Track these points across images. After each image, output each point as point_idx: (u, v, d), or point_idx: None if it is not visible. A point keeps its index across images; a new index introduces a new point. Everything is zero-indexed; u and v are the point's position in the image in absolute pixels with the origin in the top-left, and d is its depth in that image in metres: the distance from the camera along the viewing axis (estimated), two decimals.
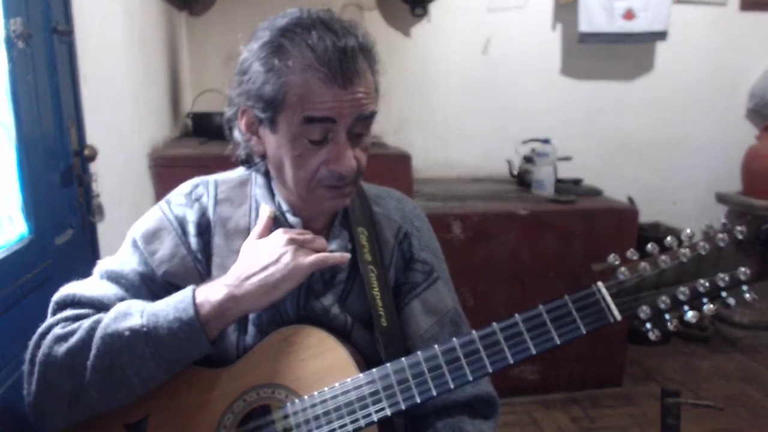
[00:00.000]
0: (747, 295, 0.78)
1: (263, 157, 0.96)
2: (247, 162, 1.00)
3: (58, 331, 0.87)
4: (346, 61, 0.84)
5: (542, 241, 2.58)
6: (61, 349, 0.85)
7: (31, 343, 0.88)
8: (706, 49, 3.50)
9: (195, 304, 0.86)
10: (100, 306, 0.91)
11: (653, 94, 3.50)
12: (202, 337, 0.85)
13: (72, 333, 0.86)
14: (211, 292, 0.87)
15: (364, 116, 0.88)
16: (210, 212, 0.98)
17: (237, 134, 0.97)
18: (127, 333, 0.84)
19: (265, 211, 0.95)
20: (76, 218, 1.44)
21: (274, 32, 0.87)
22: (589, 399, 2.66)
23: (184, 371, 0.88)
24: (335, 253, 0.92)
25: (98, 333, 0.85)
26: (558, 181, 2.90)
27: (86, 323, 0.87)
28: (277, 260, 0.88)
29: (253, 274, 0.88)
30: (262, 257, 0.89)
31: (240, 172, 1.04)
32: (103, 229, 1.57)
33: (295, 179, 0.91)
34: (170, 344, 0.84)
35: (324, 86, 0.84)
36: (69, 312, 0.91)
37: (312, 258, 0.89)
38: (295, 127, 0.86)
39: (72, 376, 0.84)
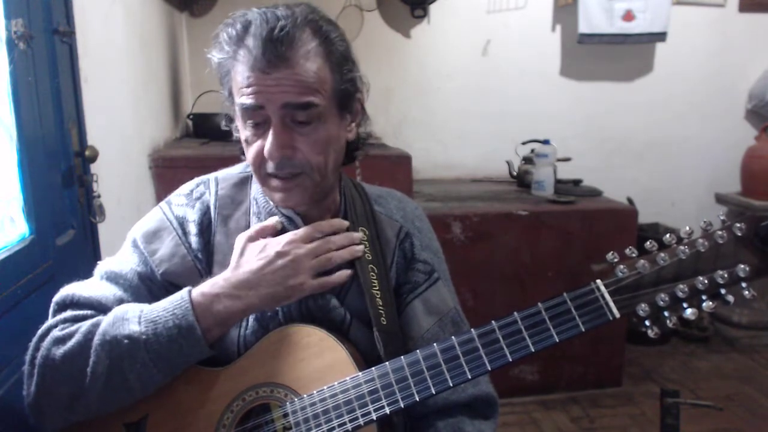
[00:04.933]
0: (746, 293, 0.78)
1: None
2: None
3: (56, 333, 0.88)
4: (270, 46, 0.83)
5: (542, 241, 2.58)
6: (59, 351, 0.85)
7: (31, 345, 0.88)
8: (705, 50, 3.51)
9: (194, 310, 0.86)
10: (99, 307, 0.92)
11: (652, 95, 3.51)
12: (202, 342, 0.85)
13: (70, 336, 0.86)
14: (211, 301, 0.87)
15: (292, 104, 0.85)
16: (212, 210, 0.99)
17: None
18: (125, 341, 0.84)
19: (272, 220, 0.95)
20: (77, 219, 1.44)
21: (221, 26, 0.90)
22: (589, 399, 2.66)
23: (183, 370, 0.89)
24: (339, 273, 0.93)
25: (96, 339, 0.85)
26: (557, 181, 2.90)
27: (84, 327, 0.87)
28: (281, 281, 0.89)
29: (257, 286, 0.88)
30: (267, 271, 0.89)
31: (240, 169, 1.05)
32: (103, 230, 1.58)
33: (249, 165, 0.93)
34: (170, 350, 0.84)
35: (247, 72, 0.85)
36: (68, 313, 0.91)
37: (315, 284, 0.91)
38: (238, 113, 0.90)
39: (70, 380, 0.85)
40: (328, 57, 0.87)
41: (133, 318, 0.86)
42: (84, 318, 0.90)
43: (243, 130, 0.91)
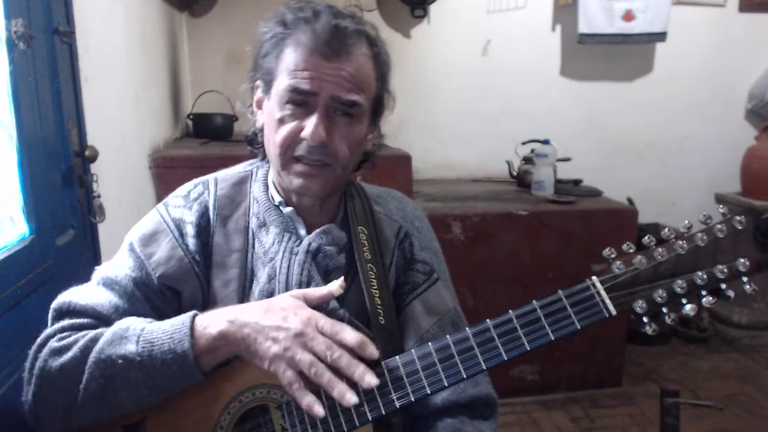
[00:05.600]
0: (747, 287, 0.77)
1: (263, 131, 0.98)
2: (252, 140, 1.02)
3: (54, 344, 0.87)
4: (336, 36, 0.88)
5: (542, 241, 2.58)
6: (56, 364, 0.85)
7: (31, 352, 0.88)
8: (705, 50, 3.50)
9: (192, 336, 0.83)
10: (95, 314, 0.91)
11: (652, 95, 3.51)
12: (196, 370, 0.83)
13: (67, 348, 0.86)
14: (210, 322, 0.84)
15: (340, 100, 0.89)
16: (210, 211, 0.99)
17: (249, 114, 1.01)
18: (120, 361, 0.83)
19: (336, 283, 0.88)
20: (77, 219, 1.44)
21: (281, 7, 0.93)
22: (589, 399, 2.66)
23: None
24: (309, 402, 0.79)
25: (92, 356, 0.84)
26: (557, 181, 2.90)
27: (81, 342, 0.86)
28: (266, 336, 0.81)
29: (248, 324, 0.83)
30: (267, 321, 0.82)
31: (239, 168, 1.05)
32: (104, 230, 1.58)
33: (274, 146, 0.93)
34: (164, 374, 0.83)
35: (308, 53, 0.88)
36: (66, 322, 0.91)
37: (286, 373, 0.80)
38: (282, 92, 0.90)
39: (65, 394, 0.84)
40: (377, 65, 0.94)
41: (132, 336, 0.85)
42: (81, 326, 0.90)
43: (277, 110, 0.91)
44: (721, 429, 2.41)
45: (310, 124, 0.89)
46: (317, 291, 0.88)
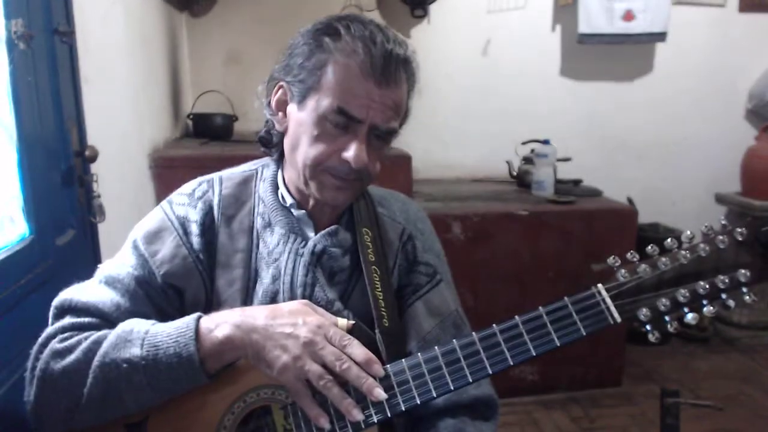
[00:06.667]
0: (747, 297, 0.79)
1: (283, 135, 0.97)
2: (266, 141, 1.02)
3: (56, 345, 0.87)
4: (389, 62, 0.88)
5: (542, 241, 2.58)
6: (58, 366, 0.85)
7: (33, 352, 0.88)
8: (705, 50, 3.50)
9: (197, 339, 0.83)
10: (97, 312, 0.91)
11: (653, 95, 3.50)
12: (201, 373, 0.83)
13: (69, 350, 0.86)
14: (216, 325, 0.84)
15: (380, 129, 0.91)
16: (215, 210, 0.98)
17: (265, 111, 0.99)
18: (124, 365, 0.83)
19: (344, 321, 0.88)
20: (76, 219, 1.44)
21: (331, 19, 0.91)
22: (589, 399, 2.66)
23: None
24: (316, 414, 0.83)
25: (96, 360, 0.84)
26: (557, 181, 2.90)
27: (84, 344, 0.85)
28: (276, 341, 0.82)
29: (257, 327, 0.83)
30: (276, 323, 0.83)
31: (244, 168, 1.05)
32: (103, 230, 1.57)
33: (305, 157, 0.91)
34: (168, 378, 0.83)
35: (361, 77, 0.87)
36: (67, 320, 0.90)
37: (292, 381, 0.82)
38: (323, 110, 0.88)
39: (68, 396, 0.84)
40: (409, 87, 0.96)
41: (137, 340, 0.84)
42: (82, 326, 0.89)
43: (314, 125, 0.90)
44: (722, 429, 2.42)
45: (353, 148, 0.89)
46: (333, 317, 0.89)
